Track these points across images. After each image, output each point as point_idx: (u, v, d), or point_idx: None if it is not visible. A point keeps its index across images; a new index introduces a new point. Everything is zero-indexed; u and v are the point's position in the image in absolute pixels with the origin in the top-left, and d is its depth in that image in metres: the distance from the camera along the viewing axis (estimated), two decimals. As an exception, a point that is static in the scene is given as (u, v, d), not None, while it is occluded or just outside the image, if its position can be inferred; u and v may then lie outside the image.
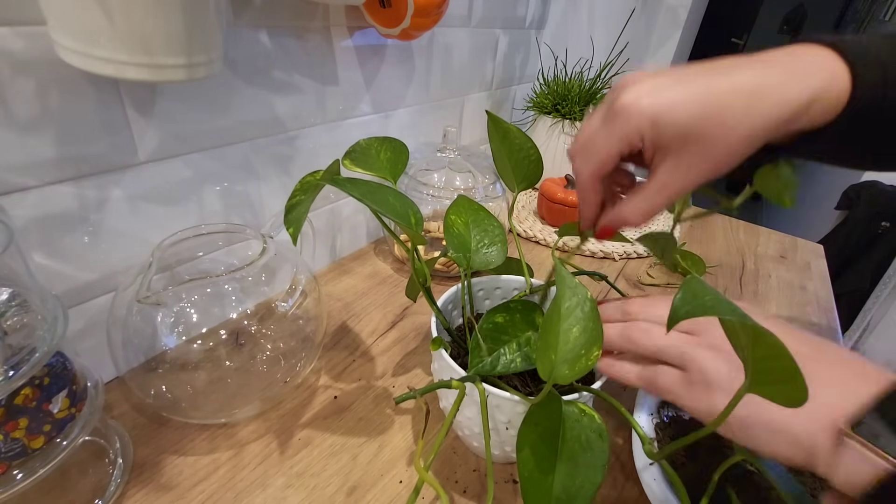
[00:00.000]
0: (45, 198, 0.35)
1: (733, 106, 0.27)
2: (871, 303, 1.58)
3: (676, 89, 0.28)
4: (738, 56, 0.30)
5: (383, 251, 0.70)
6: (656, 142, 0.29)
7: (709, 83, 0.28)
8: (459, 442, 0.42)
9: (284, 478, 0.37)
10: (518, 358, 0.33)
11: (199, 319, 0.38)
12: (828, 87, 0.28)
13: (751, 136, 0.28)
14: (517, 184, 0.41)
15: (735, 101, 0.27)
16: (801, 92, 0.27)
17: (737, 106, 0.27)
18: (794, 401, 0.21)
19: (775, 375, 0.21)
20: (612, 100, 0.29)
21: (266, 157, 0.51)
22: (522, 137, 0.40)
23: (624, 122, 0.28)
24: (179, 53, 0.30)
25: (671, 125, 0.28)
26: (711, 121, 0.27)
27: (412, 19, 0.50)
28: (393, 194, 0.34)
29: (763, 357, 0.21)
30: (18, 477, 0.28)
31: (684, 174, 0.29)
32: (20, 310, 0.29)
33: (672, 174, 0.29)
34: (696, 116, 0.27)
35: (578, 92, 0.87)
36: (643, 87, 0.28)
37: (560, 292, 0.29)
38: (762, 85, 0.28)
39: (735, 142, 0.28)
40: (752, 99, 0.27)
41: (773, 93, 0.27)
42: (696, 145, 0.28)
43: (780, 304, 0.68)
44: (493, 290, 0.45)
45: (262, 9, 0.44)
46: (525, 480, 0.27)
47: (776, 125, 0.28)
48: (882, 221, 1.56)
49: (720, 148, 0.28)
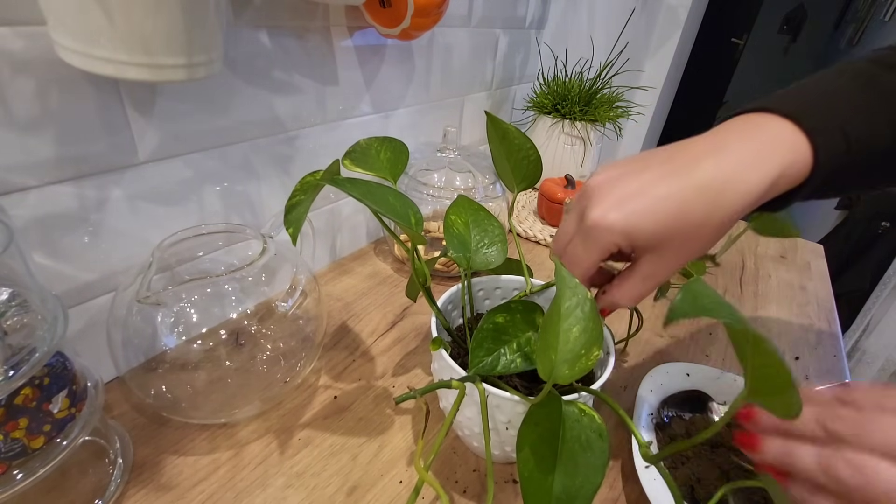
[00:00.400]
0: (45, 198, 0.35)
1: (697, 208, 0.28)
2: (871, 303, 1.58)
3: (640, 200, 0.29)
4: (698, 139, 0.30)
5: (383, 251, 0.70)
6: (632, 247, 0.30)
7: (670, 188, 0.29)
8: (459, 442, 0.42)
9: (284, 478, 0.37)
10: (518, 358, 0.33)
11: (199, 319, 0.38)
12: (791, 163, 0.29)
13: (720, 226, 0.29)
14: (517, 184, 0.41)
15: (698, 203, 0.28)
16: (764, 177, 0.28)
17: (700, 207, 0.28)
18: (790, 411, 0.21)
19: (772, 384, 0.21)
20: (583, 210, 0.31)
21: (266, 157, 0.51)
22: (522, 138, 0.40)
23: (597, 239, 0.30)
24: (179, 53, 0.30)
25: (642, 236, 0.29)
26: (679, 224, 0.29)
27: (412, 19, 0.50)
28: (393, 194, 0.34)
29: (761, 365, 0.21)
30: (18, 477, 0.28)
31: (665, 266, 0.30)
32: (20, 310, 0.29)
33: (653, 267, 0.31)
34: (664, 225, 0.29)
35: (578, 92, 0.87)
36: (609, 202, 0.29)
37: (560, 292, 0.29)
38: (724, 178, 0.28)
39: (706, 234, 0.29)
40: (716, 197, 0.28)
41: (736, 185, 0.28)
42: (669, 246, 0.29)
43: (780, 304, 0.68)
44: (493, 290, 0.45)
45: (262, 9, 0.44)
46: (525, 480, 0.27)
47: (743, 211, 0.29)
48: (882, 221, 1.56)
49: (692, 243, 0.29)
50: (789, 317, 0.65)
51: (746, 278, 0.74)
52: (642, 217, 0.29)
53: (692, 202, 0.28)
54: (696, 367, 0.48)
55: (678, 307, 0.22)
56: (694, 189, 0.28)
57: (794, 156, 0.29)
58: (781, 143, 0.29)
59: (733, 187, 0.28)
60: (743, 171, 0.28)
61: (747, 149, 0.29)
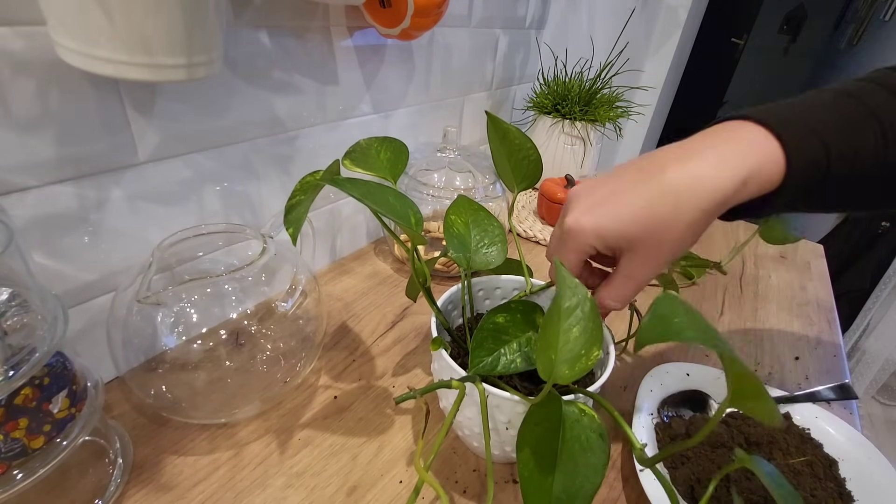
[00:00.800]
0: (45, 198, 0.35)
1: (663, 209, 0.29)
2: (871, 303, 1.58)
3: (609, 204, 0.31)
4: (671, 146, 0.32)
5: (383, 251, 0.70)
6: (608, 248, 0.32)
7: (638, 191, 0.30)
8: (459, 442, 0.42)
9: (284, 478, 0.37)
10: (518, 358, 0.33)
11: (199, 319, 0.38)
12: (760, 165, 0.29)
13: (690, 225, 0.30)
14: (517, 184, 0.41)
15: (664, 203, 0.29)
16: (731, 177, 0.29)
17: (666, 208, 0.29)
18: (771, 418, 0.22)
19: (749, 393, 0.22)
20: (563, 217, 0.34)
21: (266, 157, 0.51)
22: (522, 137, 0.40)
23: (573, 241, 0.32)
24: (179, 53, 0.30)
25: (612, 236, 0.31)
26: (647, 224, 0.30)
27: (412, 19, 0.50)
28: (393, 194, 0.34)
29: (738, 376, 0.21)
30: (18, 477, 0.28)
31: (642, 265, 0.31)
32: (20, 310, 0.29)
33: (631, 266, 0.32)
34: (632, 225, 0.30)
35: (578, 92, 0.87)
36: (582, 207, 0.32)
37: (560, 292, 0.29)
38: (690, 180, 0.29)
39: (677, 233, 0.30)
40: (682, 197, 0.29)
41: (702, 184, 0.29)
42: (641, 246, 0.31)
43: (780, 304, 0.68)
44: (493, 290, 0.45)
45: (262, 9, 0.44)
46: (525, 480, 0.27)
47: (713, 210, 0.29)
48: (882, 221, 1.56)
49: (665, 242, 0.30)
50: (789, 317, 0.65)
51: (746, 278, 0.74)
52: (612, 219, 0.31)
53: (658, 203, 0.30)
54: (696, 367, 0.48)
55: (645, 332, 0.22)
56: (659, 191, 0.30)
57: (764, 158, 0.29)
58: (752, 146, 0.30)
59: (700, 186, 0.29)
60: (709, 172, 0.29)
61: (717, 152, 0.30)
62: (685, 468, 0.38)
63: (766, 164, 0.29)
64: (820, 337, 0.62)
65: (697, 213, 0.29)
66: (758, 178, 0.29)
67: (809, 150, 0.29)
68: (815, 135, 0.30)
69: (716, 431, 0.41)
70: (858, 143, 0.30)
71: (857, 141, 0.30)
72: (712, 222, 0.30)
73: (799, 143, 0.29)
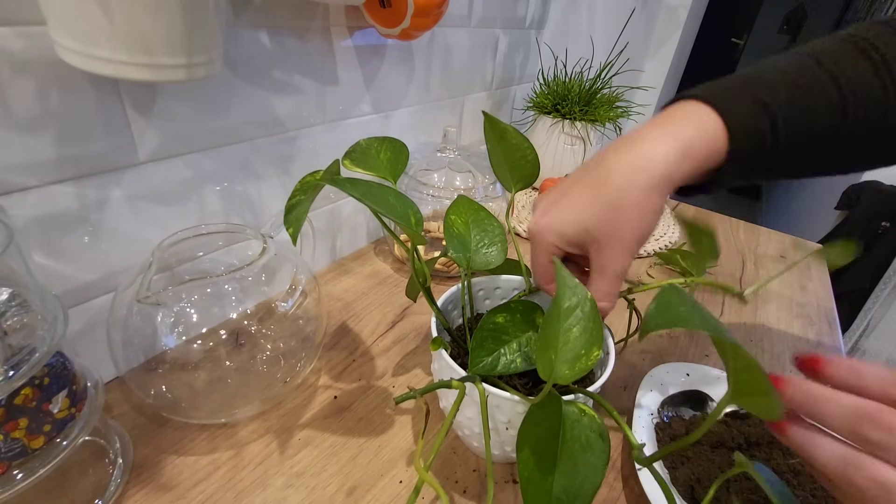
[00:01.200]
0: (45, 198, 0.35)
1: (607, 192, 0.30)
2: (871, 303, 1.58)
3: (561, 202, 0.33)
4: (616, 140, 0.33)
5: (383, 251, 0.70)
6: (572, 244, 0.33)
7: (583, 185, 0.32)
8: (459, 442, 0.42)
9: (284, 478, 0.37)
10: (518, 358, 0.33)
11: (199, 319, 0.38)
12: (698, 136, 0.30)
13: (641, 204, 0.30)
14: (514, 184, 0.41)
15: (607, 187, 0.31)
16: (667, 152, 0.30)
17: (610, 191, 0.30)
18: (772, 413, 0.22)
19: (751, 387, 0.21)
20: None
21: (266, 157, 0.51)
22: (519, 138, 0.40)
23: (537, 245, 0.34)
24: (179, 53, 0.30)
25: (571, 231, 0.32)
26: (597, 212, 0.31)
27: (412, 19, 0.50)
28: (393, 194, 0.34)
29: (740, 368, 0.21)
30: (18, 477, 0.28)
31: (608, 256, 0.32)
32: (20, 310, 0.29)
33: (600, 260, 0.32)
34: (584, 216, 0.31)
35: (578, 92, 0.87)
36: (539, 212, 0.34)
37: (560, 292, 0.29)
38: (630, 160, 0.30)
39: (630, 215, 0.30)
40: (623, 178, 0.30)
41: (640, 163, 0.30)
42: (601, 235, 0.31)
43: (780, 304, 0.68)
44: (493, 290, 0.45)
45: (262, 9, 0.44)
46: (525, 480, 0.27)
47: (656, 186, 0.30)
48: (882, 221, 1.56)
49: (622, 229, 0.31)
50: (789, 316, 0.65)
51: (746, 278, 0.74)
52: (566, 214, 0.32)
53: (604, 189, 0.31)
54: (696, 367, 0.48)
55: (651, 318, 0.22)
56: (603, 177, 0.31)
57: (702, 129, 0.30)
58: (689, 121, 0.31)
59: (638, 164, 0.30)
60: (645, 150, 0.30)
61: (655, 132, 0.31)
62: (685, 468, 0.38)
63: (706, 136, 0.30)
64: (820, 337, 0.62)
65: (641, 191, 0.30)
66: (698, 149, 0.30)
67: (751, 121, 0.30)
68: (758, 105, 0.30)
69: (715, 432, 0.41)
70: (811, 107, 0.30)
71: (809, 104, 0.30)
72: (666, 197, 0.31)
73: (739, 114, 0.30)
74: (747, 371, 0.21)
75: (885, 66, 0.30)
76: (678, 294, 0.24)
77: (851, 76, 0.30)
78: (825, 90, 0.30)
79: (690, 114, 0.31)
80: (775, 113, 0.30)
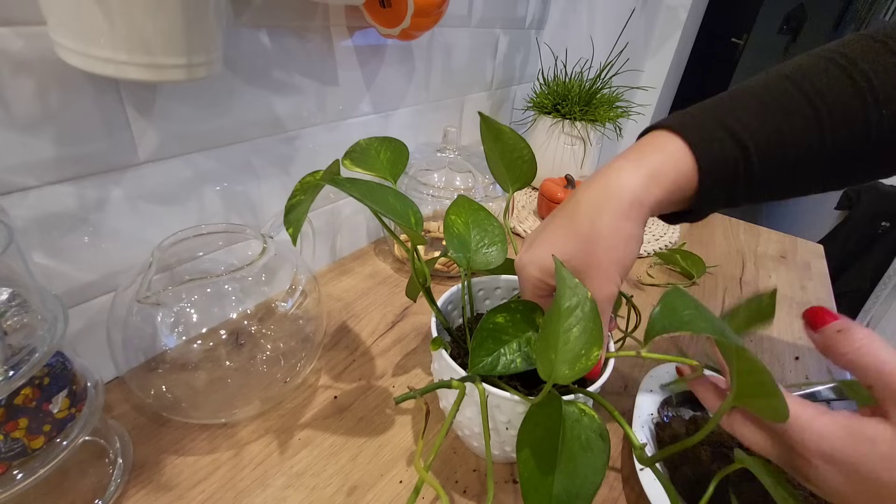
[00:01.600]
0: (45, 198, 0.35)
1: (583, 225, 0.31)
2: (871, 303, 1.58)
3: (540, 239, 0.34)
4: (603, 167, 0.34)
5: (383, 251, 0.70)
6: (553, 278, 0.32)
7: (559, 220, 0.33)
8: (459, 442, 0.42)
9: (284, 478, 0.37)
10: (518, 358, 0.33)
11: (199, 319, 0.38)
12: (664, 162, 0.31)
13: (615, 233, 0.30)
14: (511, 184, 0.41)
15: (583, 220, 0.31)
16: (633, 178, 0.31)
17: (585, 223, 0.31)
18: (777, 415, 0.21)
19: (756, 390, 0.21)
20: None
21: (266, 157, 0.51)
22: (515, 137, 0.40)
23: (523, 280, 0.35)
24: (180, 53, 0.30)
25: (550, 265, 0.32)
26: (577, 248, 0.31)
27: (412, 19, 0.50)
28: (393, 194, 0.34)
29: (745, 371, 0.21)
30: (18, 477, 0.28)
31: (593, 286, 0.31)
32: (20, 310, 0.29)
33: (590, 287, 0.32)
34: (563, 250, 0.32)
35: (578, 92, 0.87)
36: (522, 250, 0.35)
37: (560, 292, 0.29)
38: (599, 192, 0.31)
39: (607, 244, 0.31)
40: (594, 210, 0.31)
41: (609, 192, 0.31)
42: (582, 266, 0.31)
43: (780, 304, 0.68)
44: (493, 290, 0.45)
45: (262, 9, 0.44)
46: (525, 480, 0.27)
47: (627, 213, 0.30)
48: (882, 221, 1.56)
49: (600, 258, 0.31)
50: (789, 317, 0.65)
51: (746, 278, 0.74)
52: (545, 249, 0.33)
53: (577, 221, 0.32)
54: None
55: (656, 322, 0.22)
56: (576, 211, 0.32)
57: (668, 157, 0.31)
58: (656, 150, 0.31)
59: (606, 194, 0.31)
60: (611, 179, 0.31)
61: (621, 164, 0.32)
62: (685, 468, 0.38)
63: (675, 163, 0.31)
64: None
65: (613, 219, 0.30)
66: (665, 174, 0.31)
67: (719, 149, 0.31)
68: (726, 132, 0.31)
69: (716, 431, 0.41)
70: (784, 129, 0.30)
71: (781, 127, 0.30)
72: (642, 226, 0.31)
73: (708, 142, 0.31)
74: (752, 374, 0.21)
75: (867, 84, 0.30)
76: (683, 297, 0.24)
77: (828, 96, 0.30)
78: (800, 111, 0.30)
79: (658, 143, 0.32)
80: (745, 139, 0.30)
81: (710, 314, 0.23)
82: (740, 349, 0.20)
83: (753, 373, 0.21)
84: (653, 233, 0.83)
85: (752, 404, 0.22)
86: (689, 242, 0.83)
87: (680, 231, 0.85)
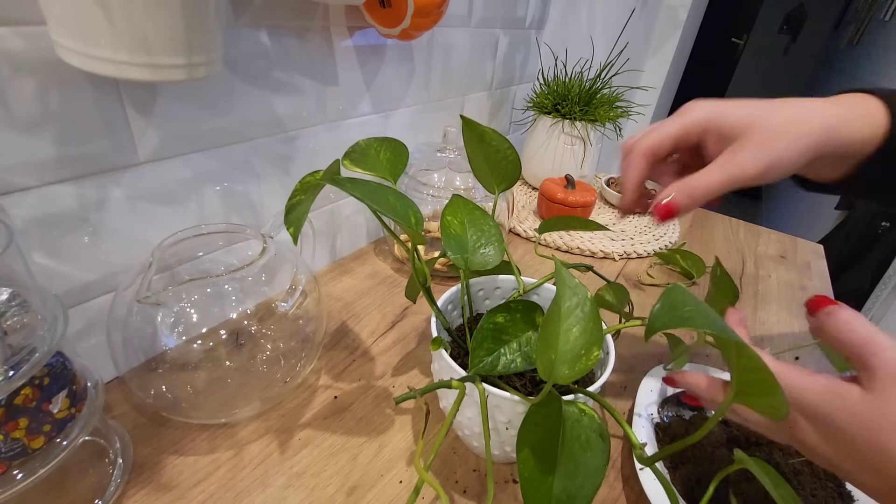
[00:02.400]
0: (45, 198, 0.35)
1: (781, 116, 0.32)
2: (871, 303, 1.58)
3: (732, 102, 0.34)
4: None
5: (383, 251, 0.70)
6: (719, 130, 0.33)
7: (757, 103, 0.33)
8: (459, 442, 0.42)
9: (284, 478, 0.37)
10: (518, 358, 0.33)
11: (199, 319, 0.38)
12: (853, 117, 0.32)
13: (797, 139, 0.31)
14: (496, 185, 0.41)
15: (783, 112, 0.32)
16: (824, 119, 0.32)
17: (782, 116, 0.32)
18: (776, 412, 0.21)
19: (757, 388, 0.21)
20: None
21: (266, 157, 0.51)
22: (499, 138, 0.40)
23: (688, 114, 0.34)
24: (180, 53, 0.30)
25: (734, 115, 0.33)
26: (765, 122, 0.32)
27: (412, 19, 0.50)
28: (393, 194, 0.34)
29: (745, 368, 0.21)
30: (18, 477, 0.28)
31: (749, 154, 0.32)
32: (20, 310, 0.29)
33: (736, 155, 0.32)
34: (753, 112, 0.32)
35: (578, 92, 0.87)
36: (702, 100, 0.35)
37: (560, 292, 0.29)
38: (800, 108, 0.33)
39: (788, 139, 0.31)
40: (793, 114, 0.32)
41: (807, 116, 0.32)
42: (758, 134, 0.32)
43: (780, 304, 0.68)
44: (493, 290, 0.45)
45: (262, 9, 0.44)
46: (525, 480, 0.27)
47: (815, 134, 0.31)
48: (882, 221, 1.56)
49: (778, 141, 0.31)
50: (789, 317, 0.65)
51: (746, 278, 0.74)
52: (734, 106, 0.33)
53: (776, 110, 0.32)
54: (696, 368, 0.48)
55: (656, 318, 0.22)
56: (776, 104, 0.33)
57: (864, 109, 0.32)
58: (855, 101, 0.33)
59: (805, 113, 0.32)
60: (811, 111, 0.32)
61: (819, 103, 0.33)
62: (685, 468, 0.38)
63: (869, 116, 0.32)
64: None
65: (804, 131, 0.31)
66: (857, 124, 0.32)
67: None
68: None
69: (716, 431, 0.41)
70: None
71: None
72: (812, 156, 0.32)
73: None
74: (752, 371, 0.21)
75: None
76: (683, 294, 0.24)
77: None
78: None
79: (857, 98, 0.33)
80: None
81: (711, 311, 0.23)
82: (740, 345, 0.20)
83: (754, 370, 0.21)
84: (653, 233, 0.83)
85: (753, 402, 0.22)
86: (689, 242, 0.83)
87: (680, 231, 0.86)
